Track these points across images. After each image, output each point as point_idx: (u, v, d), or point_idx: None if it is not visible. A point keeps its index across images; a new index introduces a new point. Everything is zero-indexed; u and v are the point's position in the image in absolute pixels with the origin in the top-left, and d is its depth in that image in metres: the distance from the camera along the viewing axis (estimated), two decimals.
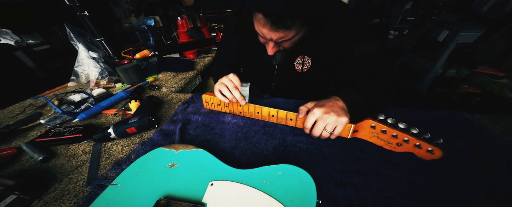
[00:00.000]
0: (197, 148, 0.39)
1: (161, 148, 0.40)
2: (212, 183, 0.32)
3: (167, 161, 0.37)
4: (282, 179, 0.32)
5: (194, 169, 0.35)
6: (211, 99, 0.56)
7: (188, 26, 1.18)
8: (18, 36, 1.69)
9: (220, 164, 0.36)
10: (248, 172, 0.34)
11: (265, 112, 0.50)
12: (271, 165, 0.33)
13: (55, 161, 0.46)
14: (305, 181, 0.31)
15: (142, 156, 0.39)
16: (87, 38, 0.98)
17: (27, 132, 0.58)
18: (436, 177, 0.35)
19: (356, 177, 0.36)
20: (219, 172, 0.34)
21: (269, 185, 0.31)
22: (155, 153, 0.39)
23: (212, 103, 0.57)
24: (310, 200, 0.29)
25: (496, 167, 0.37)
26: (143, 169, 0.37)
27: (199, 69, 1.10)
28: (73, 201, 0.36)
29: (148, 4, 1.16)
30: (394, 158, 0.39)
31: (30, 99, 0.80)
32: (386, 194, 0.32)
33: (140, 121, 0.50)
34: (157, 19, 1.34)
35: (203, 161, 0.37)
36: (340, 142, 0.44)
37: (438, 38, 1.83)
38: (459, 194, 0.32)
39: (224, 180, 0.33)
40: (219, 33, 1.35)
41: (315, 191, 0.30)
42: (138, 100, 0.65)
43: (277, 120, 0.50)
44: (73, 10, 1.02)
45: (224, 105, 0.55)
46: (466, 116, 0.51)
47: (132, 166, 0.38)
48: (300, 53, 0.58)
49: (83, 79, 0.93)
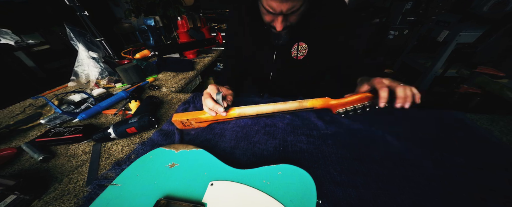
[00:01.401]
0: (197, 148, 0.39)
1: (161, 148, 0.40)
2: (212, 183, 0.32)
3: (167, 161, 0.37)
4: (282, 179, 0.32)
5: (194, 169, 0.35)
6: (185, 116, 0.49)
7: (188, 26, 1.18)
8: (18, 36, 1.69)
9: (220, 164, 0.36)
10: (248, 172, 0.34)
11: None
12: (271, 165, 0.33)
13: (55, 161, 0.46)
14: (305, 181, 0.31)
15: (142, 156, 0.39)
16: (87, 38, 0.98)
17: (27, 132, 0.58)
18: (436, 176, 0.35)
19: (356, 176, 0.36)
20: (219, 172, 0.34)
21: (269, 185, 0.31)
22: (155, 153, 0.39)
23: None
24: (310, 200, 0.29)
25: (495, 166, 0.37)
26: (143, 169, 0.37)
27: (199, 69, 1.10)
28: (73, 201, 0.36)
29: (148, 4, 1.17)
30: (394, 157, 0.39)
31: (30, 99, 0.80)
32: (386, 193, 0.32)
33: (140, 121, 0.50)
34: (157, 19, 1.34)
35: (203, 161, 0.37)
36: (340, 142, 0.44)
37: (438, 38, 1.83)
38: (458, 194, 0.32)
39: (224, 180, 0.33)
40: (219, 33, 1.35)
41: (315, 191, 0.30)
42: (138, 100, 0.65)
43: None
44: (73, 10, 1.01)
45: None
46: (461, 116, 0.52)
47: (132, 166, 0.38)
48: (296, 40, 0.61)
49: (83, 79, 0.93)
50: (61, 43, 1.89)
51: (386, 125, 0.48)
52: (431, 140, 0.44)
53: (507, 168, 0.36)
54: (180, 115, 0.50)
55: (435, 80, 1.96)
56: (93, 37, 1.04)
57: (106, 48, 1.16)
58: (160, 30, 1.40)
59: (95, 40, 1.04)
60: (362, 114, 0.47)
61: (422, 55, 2.22)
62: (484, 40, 1.47)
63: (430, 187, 0.33)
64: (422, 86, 2.00)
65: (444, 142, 0.43)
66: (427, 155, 0.40)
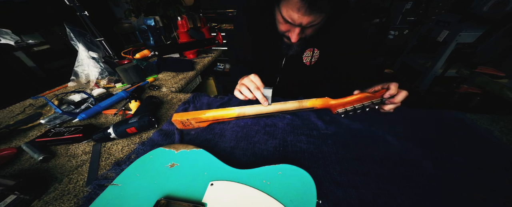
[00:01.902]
0: (197, 148, 0.39)
1: (161, 148, 0.40)
2: (212, 183, 0.32)
3: (167, 161, 0.37)
4: (282, 179, 0.32)
5: (194, 169, 0.35)
6: (185, 116, 0.49)
7: (188, 26, 1.18)
8: (18, 36, 1.69)
9: (220, 164, 0.36)
10: (248, 172, 0.34)
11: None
12: (271, 165, 0.33)
13: (55, 161, 0.46)
14: (305, 181, 0.31)
15: (142, 156, 0.39)
16: (87, 38, 0.98)
17: (27, 132, 0.58)
18: (436, 176, 0.35)
19: (356, 176, 0.36)
20: (219, 172, 0.34)
21: (269, 185, 0.31)
22: (155, 153, 0.39)
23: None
24: (310, 200, 0.29)
25: (495, 166, 0.37)
26: (143, 169, 0.37)
27: (199, 69, 1.10)
28: (73, 201, 0.36)
29: (148, 4, 1.16)
30: (394, 157, 0.39)
31: (30, 99, 0.80)
32: (386, 193, 0.32)
33: (140, 121, 0.50)
34: (157, 19, 1.34)
35: (203, 161, 0.37)
36: (340, 142, 0.44)
37: (438, 38, 1.83)
38: (458, 194, 0.32)
39: (224, 180, 0.33)
40: (219, 33, 1.35)
41: (315, 191, 0.30)
42: (138, 100, 0.65)
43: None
44: (73, 10, 1.01)
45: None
46: (461, 116, 0.52)
47: (132, 166, 0.38)
48: (310, 46, 0.61)
49: (83, 79, 0.93)
50: (61, 43, 1.89)
51: (386, 125, 0.48)
52: (431, 140, 0.44)
53: (507, 168, 0.36)
54: (180, 114, 0.50)
55: (435, 80, 1.96)
56: (93, 37, 1.04)
57: (106, 48, 1.15)
58: (160, 30, 1.40)
59: (95, 40, 1.04)
60: (362, 114, 0.47)
61: (422, 55, 2.22)
62: (484, 40, 1.47)
63: (430, 187, 0.33)
64: (422, 86, 2.00)
65: (444, 142, 0.43)
66: (427, 155, 0.40)
